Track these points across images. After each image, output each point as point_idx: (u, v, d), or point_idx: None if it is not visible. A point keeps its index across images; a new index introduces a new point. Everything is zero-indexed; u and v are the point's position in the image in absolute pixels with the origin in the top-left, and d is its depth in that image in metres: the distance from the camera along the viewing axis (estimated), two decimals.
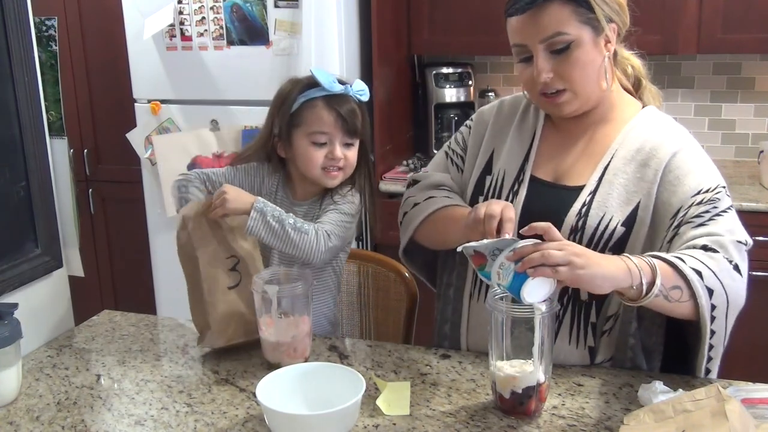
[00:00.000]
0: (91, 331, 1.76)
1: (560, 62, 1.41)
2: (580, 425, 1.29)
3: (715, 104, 3.20)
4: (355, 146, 1.71)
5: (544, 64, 1.42)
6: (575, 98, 1.45)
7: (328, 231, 1.63)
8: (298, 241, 1.58)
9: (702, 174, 1.42)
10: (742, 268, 1.37)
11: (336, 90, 1.66)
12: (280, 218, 1.57)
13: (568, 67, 1.42)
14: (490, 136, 1.62)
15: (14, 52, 1.62)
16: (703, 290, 1.31)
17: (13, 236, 1.66)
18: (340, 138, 1.67)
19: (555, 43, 1.40)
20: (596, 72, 1.44)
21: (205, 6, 2.84)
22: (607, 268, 1.27)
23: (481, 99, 3.35)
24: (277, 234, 1.57)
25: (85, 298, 2.32)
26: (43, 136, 1.72)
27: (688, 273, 1.31)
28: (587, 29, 1.41)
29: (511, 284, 1.26)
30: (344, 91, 1.67)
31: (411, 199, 1.67)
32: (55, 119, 3.32)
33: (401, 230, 1.69)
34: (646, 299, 1.29)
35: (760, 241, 2.59)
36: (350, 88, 1.68)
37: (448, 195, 1.63)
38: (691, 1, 2.81)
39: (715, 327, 1.35)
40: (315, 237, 1.60)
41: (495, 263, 1.29)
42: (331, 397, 1.29)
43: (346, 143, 1.68)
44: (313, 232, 1.60)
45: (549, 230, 1.29)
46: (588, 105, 1.48)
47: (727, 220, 1.39)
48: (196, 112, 2.91)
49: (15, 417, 1.39)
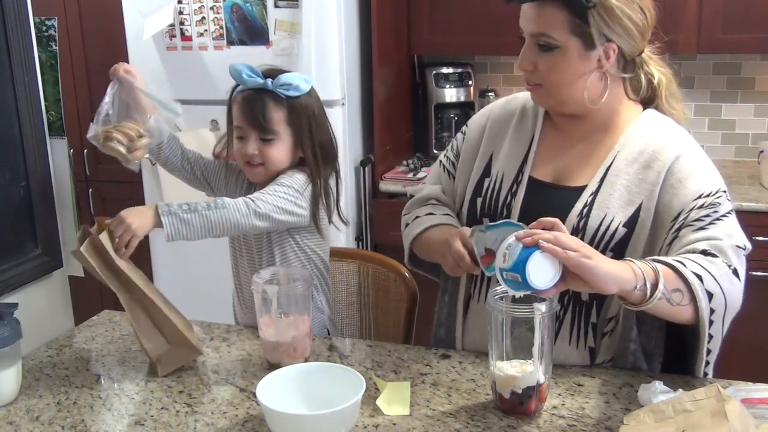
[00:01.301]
0: (91, 331, 1.76)
1: (543, 59, 1.43)
2: (580, 425, 1.30)
3: (715, 104, 3.19)
4: (278, 141, 1.65)
5: (528, 54, 1.44)
6: (549, 96, 1.48)
7: (252, 198, 1.57)
8: (218, 217, 1.52)
9: (703, 178, 1.42)
10: (740, 273, 1.38)
11: (250, 84, 1.64)
12: (191, 208, 1.51)
13: (546, 67, 1.43)
14: (488, 140, 1.62)
15: (14, 52, 1.62)
16: (703, 294, 1.31)
17: (13, 236, 1.66)
18: (254, 134, 1.66)
19: (540, 40, 1.42)
20: (576, 82, 1.43)
21: (205, 6, 2.84)
22: (612, 267, 1.27)
23: (481, 99, 3.35)
24: (198, 223, 1.50)
25: (85, 298, 2.32)
26: (43, 136, 1.72)
27: (689, 276, 1.31)
28: (576, 41, 1.40)
29: (516, 262, 1.23)
30: (263, 85, 1.64)
31: (404, 218, 1.72)
32: (55, 119, 3.31)
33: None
34: (650, 302, 1.29)
35: (760, 241, 2.59)
36: (269, 82, 1.63)
37: (431, 211, 1.64)
38: (691, 1, 2.81)
39: (713, 331, 1.36)
40: (235, 206, 1.54)
41: (501, 245, 1.27)
42: (331, 397, 1.29)
43: (262, 139, 1.66)
44: (231, 202, 1.54)
45: (557, 224, 1.30)
46: (568, 106, 1.49)
47: (727, 225, 1.39)
48: (196, 112, 2.91)
49: (15, 417, 1.39)
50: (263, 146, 1.66)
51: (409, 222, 1.68)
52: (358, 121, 3.04)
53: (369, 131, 3.09)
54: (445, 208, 1.66)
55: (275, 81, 1.63)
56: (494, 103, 1.69)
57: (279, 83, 1.63)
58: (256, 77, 1.64)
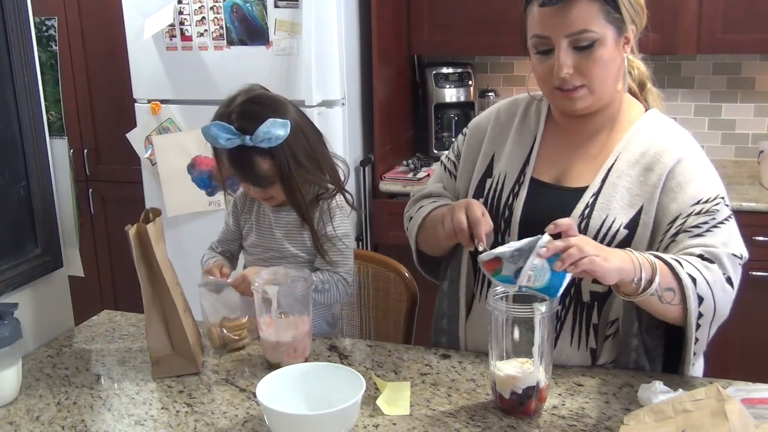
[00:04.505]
0: (91, 331, 1.76)
1: (582, 59, 1.41)
2: (580, 425, 1.30)
3: (715, 104, 3.19)
4: (276, 183, 1.65)
5: (566, 58, 1.40)
6: (590, 95, 1.45)
7: (344, 274, 1.72)
8: (324, 300, 1.71)
9: (703, 183, 1.43)
10: (734, 282, 1.39)
11: (230, 146, 1.60)
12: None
13: (590, 65, 1.41)
14: (490, 141, 1.62)
15: (14, 52, 1.62)
16: (694, 297, 1.34)
17: (13, 236, 1.66)
18: (251, 187, 1.69)
19: (580, 39, 1.39)
20: (615, 72, 1.45)
21: (205, 6, 2.84)
22: (618, 260, 1.30)
23: (481, 99, 3.35)
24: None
25: (85, 298, 2.32)
26: (43, 136, 1.72)
27: (684, 278, 1.33)
28: (612, 29, 1.41)
29: (549, 286, 1.27)
30: (240, 142, 1.59)
31: (407, 214, 1.72)
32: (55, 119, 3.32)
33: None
34: (642, 296, 1.32)
35: (760, 241, 2.59)
36: (248, 139, 1.59)
37: (435, 200, 1.65)
38: (691, 1, 2.81)
39: (699, 335, 1.38)
40: (336, 289, 1.71)
41: (525, 267, 1.27)
42: (331, 397, 1.29)
43: (258, 187, 1.68)
44: (334, 285, 1.71)
45: (572, 228, 1.31)
46: (600, 103, 1.48)
47: (724, 232, 1.40)
48: (196, 112, 2.91)
49: (15, 417, 1.39)
50: (265, 190, 1.68)
51: (412, 215, 1.68)
52: (358, 121, 3.04)
53: (369, 131, 3.09)
54: (448, 200, 1.65)
55: (254, 137, 1.58)
56: (497, 105, 1.69)
57: (258, 139, 1.58)
58: (234, 138, 1.59)
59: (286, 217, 1.74)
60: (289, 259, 1.74)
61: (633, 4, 1.42)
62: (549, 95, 1.51)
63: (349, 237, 1.75)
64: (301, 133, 1.65)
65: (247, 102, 1.64)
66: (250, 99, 1.65)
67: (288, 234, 1.74)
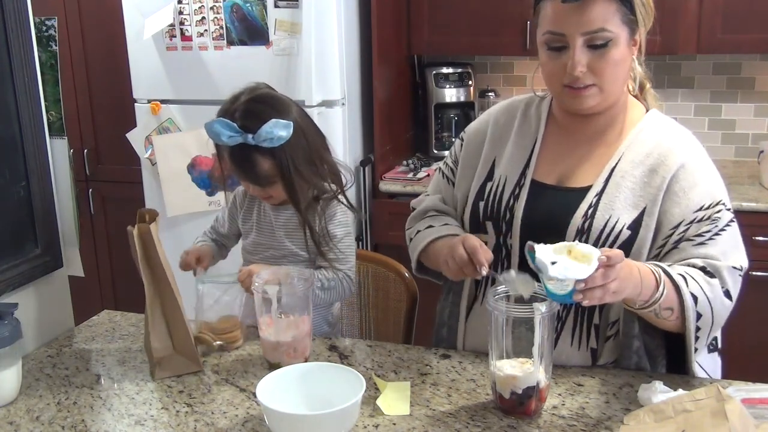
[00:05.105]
0: (91, 331, 1.76)
1: (596, 58, 1.40)
2: (580, 425, 1.29)
3: (715, 104, 3.19)
4: (277, 182, 1.65)
5: (581, 56, 1.40)
6: (599, 94, 1.44)
7: (347, 271, 1.73)
8: (331, 297, 1.73)
9: (706, 189, 1.44)
10: (732, 295, 1.41)
11: (232, 144, 1.61)
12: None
13: (603, 64, 1.41)
14: (491, 145, 1.62)
15: (14, 52, 1.62)
16: (693, 315, 1.37)
17: (13, 236, 1.66)
18: (251, 185, 1.69)
19: (596, 38, 1.39)
20: (625, 72, 1.46)
21: (205, 6, 2.84)
22: (631, 289, 1.30)
23: (481, 99, 3.35)
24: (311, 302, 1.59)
25: (85, 298, 2.32)
26: (43, 136, 1.72)
27: (687, 298, 1.36)
28: (626, 29, 1.41)
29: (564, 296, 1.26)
30: (242, 140, 1.59)
31: (408, 232, 1.73)
32: (55, 119, 3.31)
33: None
34: (640, 311, 1.37)
35: (760, 241, 2.59)
36: (251, 138, 1.59)
37: (430, 224, 1.64)
38: (691, 1, 2.81)
39: (698, 345, 1.42)
40: (342, 286, 1.72)
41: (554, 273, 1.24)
42: (331, 397, 1.29)
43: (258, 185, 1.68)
44: (339, 282, 1.71)
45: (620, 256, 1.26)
46: (606, 103, 1.47)
47: (726, 240, 1.42)
48: (196, 112, 2.91)
49: (15, 417, 1.39)
50: (265, 189, 1.68)
51: (411, 237, 1.69)
52: (358, 121, 3.04)
53: (369, 131, 3.09)
54: (445, 218, 1.66)
55: (256, 136, 1.58)
56: (493, 109, 1.68)
57: (261, 138, 1.58)
58: (236, 136, 1.59)
59: (287, 215, 1.74)
60: (290, 258, 1.74)
61: (645, 6, 1.43)
62: (557, 93, 1.50)
63: (351, 236, 1.76)
64: (303, 135, 1.65)
65: (251, 101, 1.64)
66: (254, 98, 1.65)
67: (289, 232, 1.74)
